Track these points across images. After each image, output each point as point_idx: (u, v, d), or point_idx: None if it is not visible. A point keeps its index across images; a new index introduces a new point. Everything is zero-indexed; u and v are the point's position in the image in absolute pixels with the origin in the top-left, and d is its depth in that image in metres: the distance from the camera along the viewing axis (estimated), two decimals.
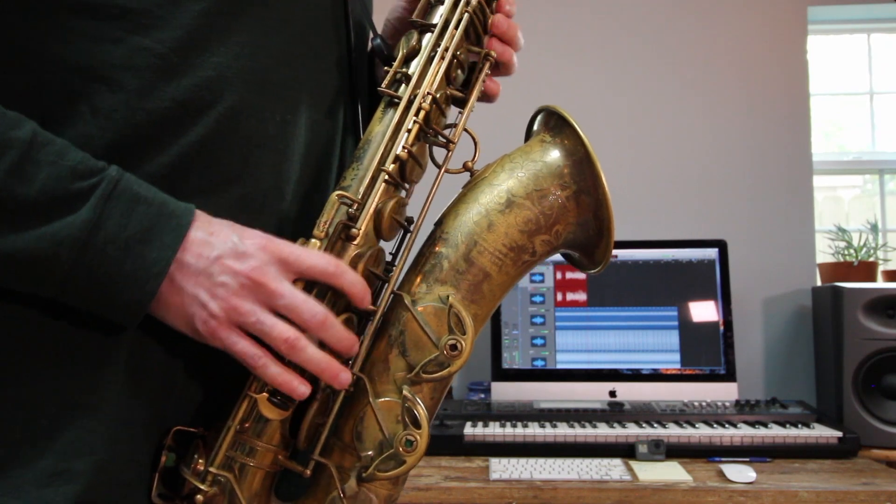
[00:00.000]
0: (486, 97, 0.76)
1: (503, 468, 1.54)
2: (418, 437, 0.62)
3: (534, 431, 1.67)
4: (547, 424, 1.72)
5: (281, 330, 0.56)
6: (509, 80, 0.78)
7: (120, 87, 0.57)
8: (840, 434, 1.66)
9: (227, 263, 0.56)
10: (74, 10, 0.57)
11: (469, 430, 1.69)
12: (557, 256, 0.74)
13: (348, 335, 0.60)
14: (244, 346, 0.56)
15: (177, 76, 0.58)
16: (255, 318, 0.56)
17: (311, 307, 0.57)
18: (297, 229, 0.64)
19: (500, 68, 0.75)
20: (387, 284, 0.66)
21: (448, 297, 0.64)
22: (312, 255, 0.59)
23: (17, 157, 0.52)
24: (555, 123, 0.71)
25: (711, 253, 2.01)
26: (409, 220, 0.69)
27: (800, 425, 1.72)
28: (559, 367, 1.99)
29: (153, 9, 0.58)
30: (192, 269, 0.56)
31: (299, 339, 0.57)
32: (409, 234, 0.69)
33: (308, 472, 0.62)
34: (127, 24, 0.57)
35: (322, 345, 0.60)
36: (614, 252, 1.98)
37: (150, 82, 0.58)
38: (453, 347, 0.63)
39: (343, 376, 0.59)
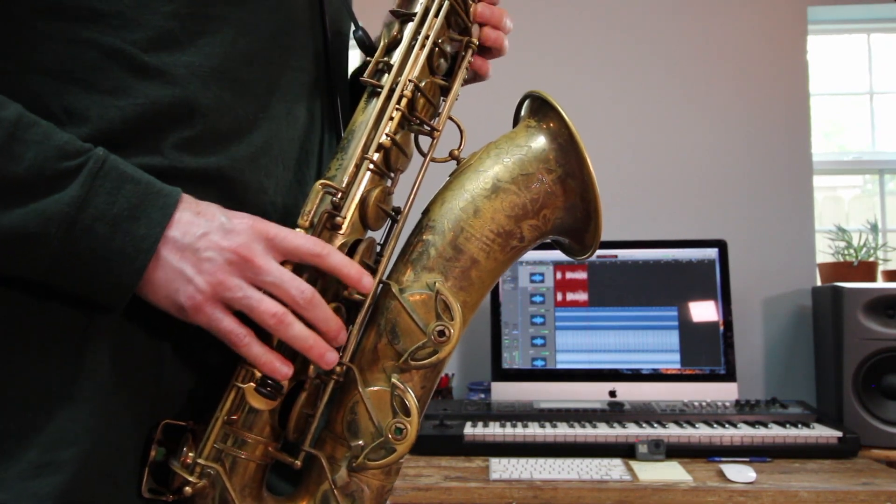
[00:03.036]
0: (478, 76, 0.76)
1: (503, 468, 1.53)
2: (408, 425, 0.61)
3: (534, 431, 1.67)
4: (547, 424, 1.72)
5: (268, 305, 0.56)
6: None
7: (93, 88, 0.58)
8: (840, 434, 1.65)
9: (213, 239, 0.56)
10: (44, 13, 0.57)
11: (469, 430, 1.69)
12: (558, 256, 0.74)
13: (336, 318, 0.59)
14: (229, 324, 0.56)
15: (148, 76, 0.59)
16: (242, 293, 0.56)
17: (299, 284, 0.57)
18: (282, 222, 0.64)
19: (492, 52, 0.76)
20: (375, 274, 0.65)
21: (435, 283, 0.64)
22: (299, 237, 0.59)
23: (5, 136, 0.52)
24: (539, 108, 0.71)
25: (711, 253, 2.00)
26: (397, 210, 0.68)
27: (800, 425, 1.72)
28: (559, 367, 1.98)
29: (123, 10, 0.58)
30: (178, 244, 0.55)
31: (287, 314, 0.56)
32: (396, 224, 0.68)
33: (298, 463, 0.61)
34: (97, 26, 0.58)
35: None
36: (614, 252, 2.01)
37: (122, 82, 0.58)
38: (441, 333, 0.62)
39: (329, 355, 0.59)
